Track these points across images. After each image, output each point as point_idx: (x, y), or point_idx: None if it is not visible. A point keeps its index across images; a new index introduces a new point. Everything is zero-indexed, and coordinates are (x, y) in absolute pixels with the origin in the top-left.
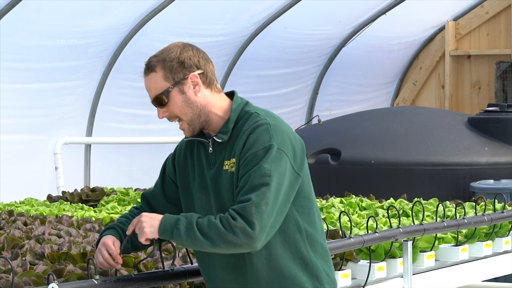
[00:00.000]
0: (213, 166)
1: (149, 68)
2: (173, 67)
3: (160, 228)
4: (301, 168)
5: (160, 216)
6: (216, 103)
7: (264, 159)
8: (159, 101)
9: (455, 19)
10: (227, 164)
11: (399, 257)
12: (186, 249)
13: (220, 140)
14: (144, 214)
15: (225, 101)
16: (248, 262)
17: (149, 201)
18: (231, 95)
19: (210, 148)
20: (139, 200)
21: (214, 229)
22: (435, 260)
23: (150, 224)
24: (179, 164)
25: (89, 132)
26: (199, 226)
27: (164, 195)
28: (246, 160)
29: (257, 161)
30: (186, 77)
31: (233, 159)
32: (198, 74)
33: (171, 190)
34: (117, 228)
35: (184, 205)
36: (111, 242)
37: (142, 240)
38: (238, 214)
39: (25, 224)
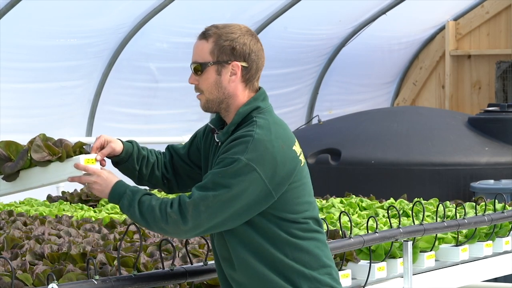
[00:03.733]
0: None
1: (204, 34)
2: (223, 47)
3: (110, 195)
4: (278, 187)
5: (113, 182)
6: (241, 99)
7: (226, 168)
8: (196, 69)
9: (456, 19)
10: None
11: (399, 257)
12: (186, 249)
13: (218, 140)
14: (103, 174)
15: (245, 100)
16: (234, 275)
17: (172, 154)
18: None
19: (219, 143)
20: None
21: (151, 212)
22: (435, 260)
23: (101, 189)
24: (204, 143)
25: (89, 132)
26: (140, 205)
27: (188, 156)
28: (216, 161)
29: (219, 167)
30: (229, 62)
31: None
32: (242, 65)
33: (195, 155)
34: (134, 144)
35: None
36: (103, 141)
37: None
38: (178, 204)
39: (25, 224)
